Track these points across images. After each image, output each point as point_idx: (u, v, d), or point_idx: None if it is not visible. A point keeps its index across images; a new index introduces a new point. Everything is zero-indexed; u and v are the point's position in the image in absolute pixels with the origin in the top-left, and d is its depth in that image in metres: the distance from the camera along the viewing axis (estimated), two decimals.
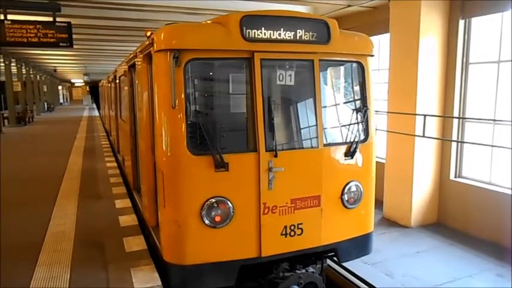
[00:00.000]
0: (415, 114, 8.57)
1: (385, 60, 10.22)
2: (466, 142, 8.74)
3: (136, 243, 5.32)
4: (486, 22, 8.44)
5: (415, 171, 8.87)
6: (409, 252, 7.70)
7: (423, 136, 8.24)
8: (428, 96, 8.76)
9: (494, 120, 8.08)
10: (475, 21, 8.54)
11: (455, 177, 9.01)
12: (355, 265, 6.61)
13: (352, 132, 4.86)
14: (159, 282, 4.31)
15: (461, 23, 8.57)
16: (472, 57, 8.66)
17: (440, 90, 8.91)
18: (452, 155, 8.96)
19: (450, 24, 8.71)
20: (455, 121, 8.82)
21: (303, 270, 4.74)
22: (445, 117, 8.92)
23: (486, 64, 8.50)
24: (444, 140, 8.98)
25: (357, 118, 4.93)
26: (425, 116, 8.19)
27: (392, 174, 9.49)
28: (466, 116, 8.79)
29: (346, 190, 4.85)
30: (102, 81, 21.78)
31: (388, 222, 9.33)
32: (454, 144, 8.93)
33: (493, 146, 7.96)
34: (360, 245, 5.16)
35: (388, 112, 9.56)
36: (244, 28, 4.19)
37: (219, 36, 4.17)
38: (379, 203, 9.47)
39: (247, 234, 4.37)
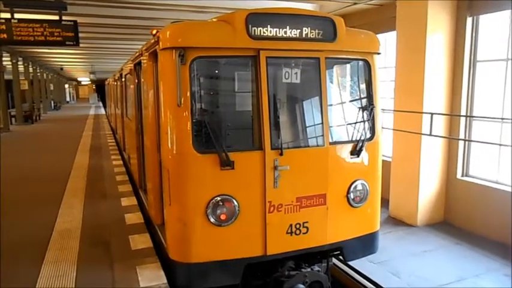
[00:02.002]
0: (422, 113, 8.52)
1: (391, 58, 10.16)
2: (473, 141, 8.68)
3: (142, 241, 5.32)
4: (494, 19, 8.36)
5: (421, 170, 8.82)
6: (416, 251, 7.66)
7: (430, 135, 8.19)
8: (435, 94, 8.70)
9: (502, 118, 8.01)
10: (483, 18, 8.46)
11: (462, 176, 8.95)
12: (361, 264, 6.60)
13: (358, 131, 4.83)
14: (165, 280, 4.31)
15: (469, 20, 8.49)
16: (479, 55, 8.58)
17: (447, 88, 8.85)
18: (459, 153, 8.91)
19: (457, 21, 8.64)
20: (463, 119, 8.76)
21: (309, 269, 4.72)
22: (452, 115, 8.86)
23: (494, 62, 8.42)
24: (451, 138, 8.92)
25: (363, 116, 4.90)
26: (432, 114, 8.13)
27: (399, 173, 9.44)
28: (474, 115, 8.72)
29: (352, 189, 4.82)
30: (108, 80, 21.85)
31: (394, 221, 9.29)
32: (461, 143, 8.86)
33: (500, 144, 7.89)
34: (366, 244, 5.13)
35: (394, 110, 9.51)
36: (250, 26, 4.17)
37: (224, 34, 4.16)
38: (385, 202, 9.44)
39: (253, 233, 4.37)
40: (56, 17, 10.63)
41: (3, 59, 22.23)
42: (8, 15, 10.37)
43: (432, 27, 8.46)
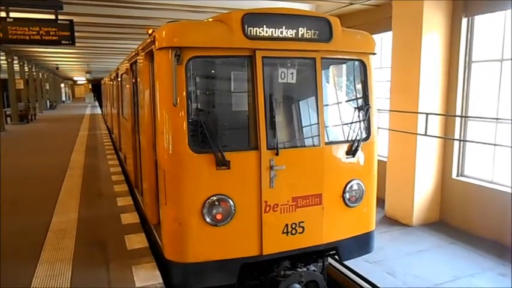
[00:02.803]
0: (418, 113, 8.55)
1: (387, 59, 10.19)
2: (469, 141, 8.72)
3: (137, 241, 5.31)
4: (489, 20, 8.40)
5: (417, 169, 8.86)
6: (411, 251, 7.70)
7: (425, 135, 8.22)
8: (430, 94, 8.74)
9: (497, 118, 8.06)
10: (478, 19, 8.50)
11: (458, 176, 8.99)
12: (356, 263, 6.62)
13: (354, 131, 4.83)
14: (160, 280, 4.30)
15: (464, 21, 8.54)
16: (474, 55, 8.62)
17: (442, 89, 8.89)
18: (454, 153, 8.95)
19: (453, 22, 8.68)
20: (458, 120, 8.80)
21: (304, 269, 4.72)
22: (448, 115, 8.90)
23: (489, 62, 8.46)
24: (446, 138, 8.96)
25: (358, 116, 4.91)
26: (427, 114, 8.17)
27: (395, 173, 9.48)
28: (469, 115, 8.76)
29: (347, 188, 4.83)
30: (104, 79, 21.80)
31: (390, 221, 9.32)
32: (456, 143, 8.91)
33: (495, 144, 7.94)
34: (362, 244, 5.14)
35: (390, 110, 9.54)
36: (246, 26, 4.17)
37: (220, 34, 4.16)
38: (381, 202, 9.47)
39: (249, 233, 4.36)
40: (52, 16, 10.59)
41: None
42: (3, 14, 10.32)
43: (428, 27, 8.50)
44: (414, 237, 8.42)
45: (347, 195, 4.84)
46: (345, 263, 6.63)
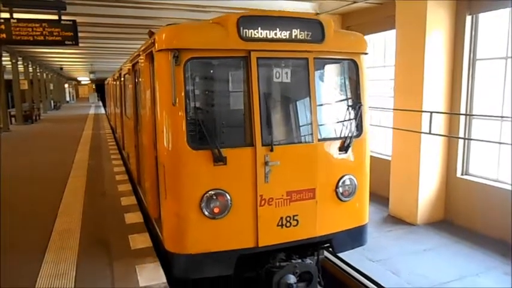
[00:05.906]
0: (422, 111, 8.51)
1: (391, 57, 10.15)
2: (473, 139, 8.66)
3: (141, 241, 5.36)
4: (493, 18, 8.34)
5: (421, 168, 8.81)
6: (415, 250, 7.66)
7: (429, 133, 8.18)
8: (434, 92, 8.69)
9: (502, 117, 8.00)
10: (482, 17, 8.45)
11: (462, 174, 8.94)
12: (359, 262, 6.63)
13: (346, 128, 4.99)
14: (164, 280, 4.36)
15: (468, 18, 8.48)
16: (479, 53, 8.57)
17: (447, 87, 8.83)
18: (459, 152, 8.89)
19: (457, 20, 8.62)
20: (462, 118, 8.75)
21: (299, 260, 4.87)
22: (452, 114, 8.85)
23: (493, 60, 8.40)
24: (451, 137, 8.91)
25: (350, 114, 5.06)
26: (431, 112, 8.12)
27: (399, 172, 9.43)
28: (473, 113, 8.71)
29: (340, 183, 4.97)
30: (108, 79, 21.88)
31: (394, 220, 9.28)
32: (460, 142, 8.85)
33: (500, 143, 7.88)
34: (355, 237, 5.28)
35: (393, 109, 9.51)
36: (241, 28, 4.34)
37: (217, 36, 4.32)
38: (385, 200, 9.46)
39: (245, 225, 4.52)
40: (55, 17, 10.61)
41: (3, 58, 22.27)
42: (7, 15, 10.35)
43: (431, 25, 8.45)
44: (418, 236, 8.38)
45: (340, 190, 4.98)
46: (348, 261, 6.69)
